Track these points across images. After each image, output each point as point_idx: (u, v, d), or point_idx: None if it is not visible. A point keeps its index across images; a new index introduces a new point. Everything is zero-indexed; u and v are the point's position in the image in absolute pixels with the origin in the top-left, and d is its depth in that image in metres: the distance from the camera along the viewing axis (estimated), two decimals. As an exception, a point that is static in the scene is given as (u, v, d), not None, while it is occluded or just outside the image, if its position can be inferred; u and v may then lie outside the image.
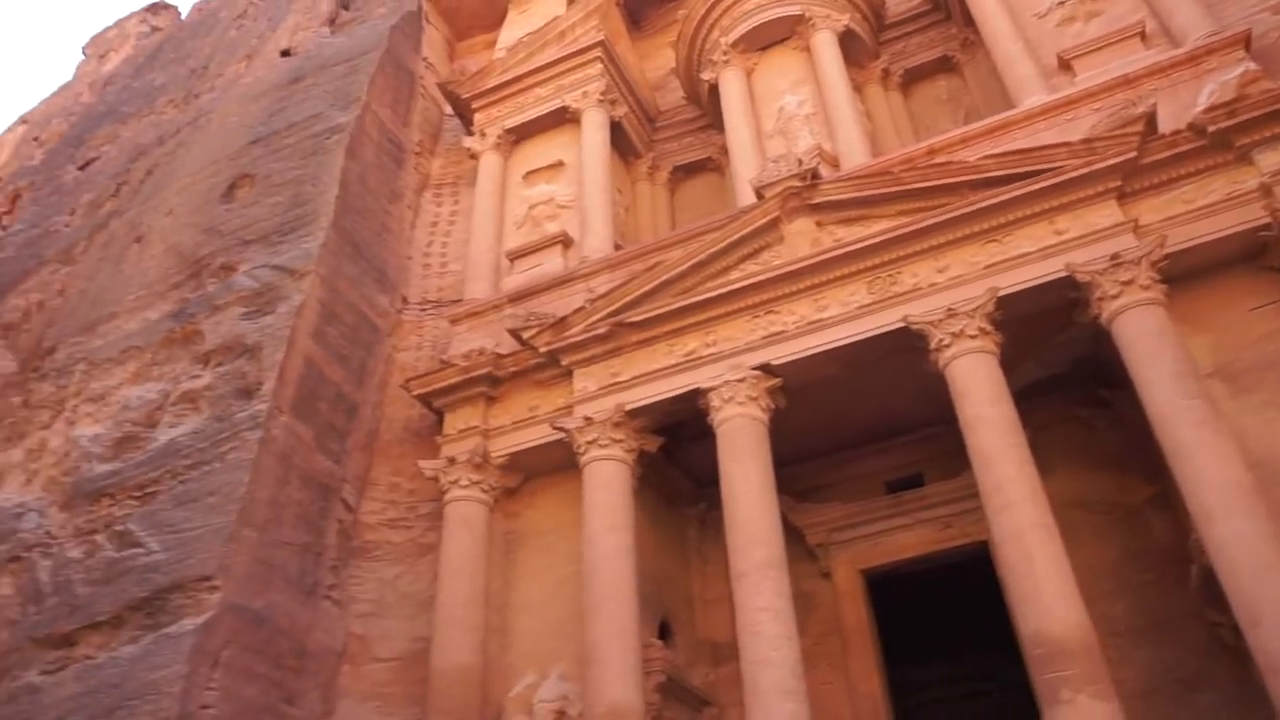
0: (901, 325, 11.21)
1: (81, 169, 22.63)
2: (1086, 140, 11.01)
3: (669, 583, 12.85)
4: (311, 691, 11.82)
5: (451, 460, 13.04)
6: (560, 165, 16.73)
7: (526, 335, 13.29)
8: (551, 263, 15.27)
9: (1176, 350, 9.80)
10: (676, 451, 13.16)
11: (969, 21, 15.17)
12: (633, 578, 11.23)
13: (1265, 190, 10.14)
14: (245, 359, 13.38)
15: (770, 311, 12.11)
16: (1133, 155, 10.69)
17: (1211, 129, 10.50)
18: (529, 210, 16.30)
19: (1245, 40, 11.67)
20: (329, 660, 12.28)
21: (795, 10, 16.07)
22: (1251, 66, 11.21)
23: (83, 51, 32.39)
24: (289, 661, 11.59)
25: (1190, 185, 10.68)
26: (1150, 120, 10.83)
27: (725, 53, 16.43)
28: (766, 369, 11.80)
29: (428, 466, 13.27)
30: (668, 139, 18.37)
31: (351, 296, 14.94)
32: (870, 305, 11.56)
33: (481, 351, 13.62)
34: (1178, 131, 10.77)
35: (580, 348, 12.92)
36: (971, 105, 15.48)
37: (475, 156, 17.59)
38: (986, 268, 11.10)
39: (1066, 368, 11.95)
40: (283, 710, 11.27)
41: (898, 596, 13.21)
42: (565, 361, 13.03)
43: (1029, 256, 10.95)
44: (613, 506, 11.72)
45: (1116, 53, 12.66)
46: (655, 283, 12.76)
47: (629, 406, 12.28)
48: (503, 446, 13.14)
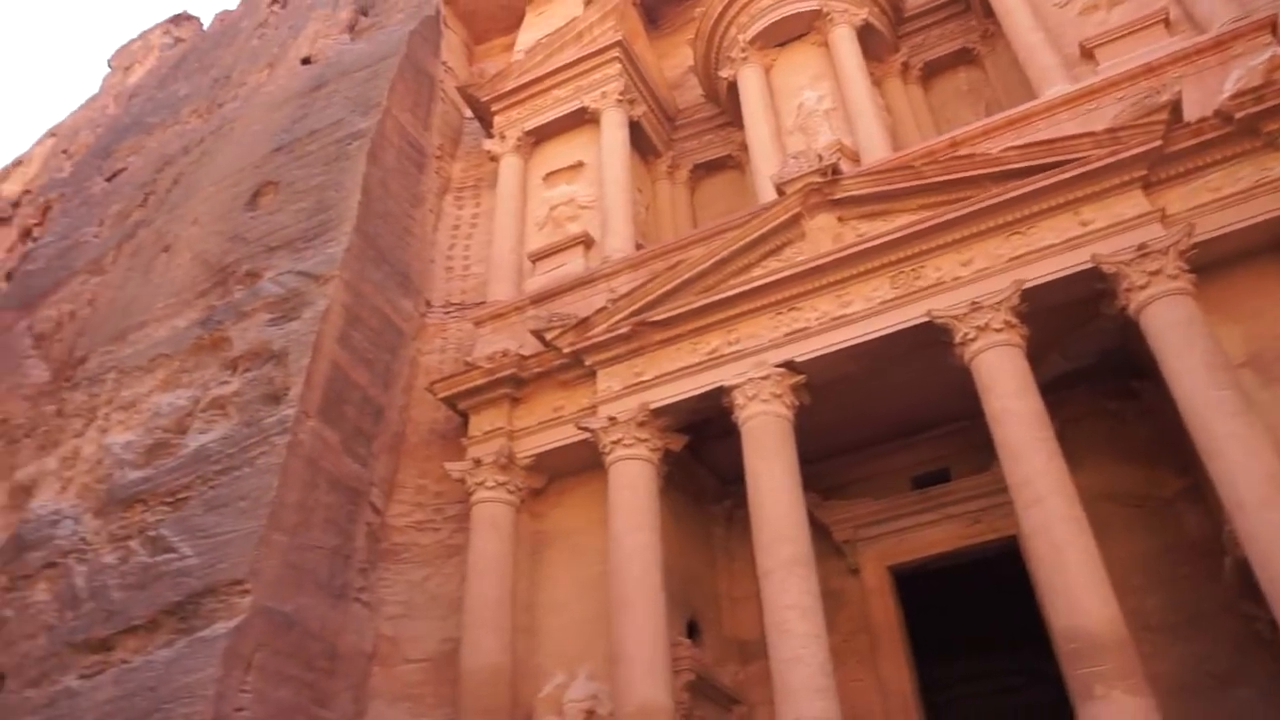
0: (926, 320, 11.12)
1: (109, 180, 22.94)
2: (1111, 130, 10.89)
3: (696, 581, 12.84)
4: (343, 693, 11.93)
5: (477, 462, 13.11)
6: (580, 166, 16.78)
7: (550, 336, 13.34)
8: (573, 263, 15.32)
9: (1206, 340, 9.66)
10: (701, 449, 13.15)
11: (989, 12, 15.05)
12: (659, 576, 11.23)
13: (1294, 177, 9.99)
14: (272, 365, 13.52)
15: (793, 308, 12.08)
16: (1158, 144, 10.55)
17: (1239, 115, 10.35)
18: (550, 211, 16.36)
19: (1272, 25, 11.50)
20: (360, 662, 12.39)
21: (813, 5, 16.03)
22: (1278, 51, 11.03)
23: (108, 64, 32.87)
24: (320, 663, 11.71)
25: (1217, 173, 10.53)
26: (1175, 108, 10.69)
27: (743, 49, 16.40)
28: (790, 366, 11.76)
29: (454, 468, 13.34)
30: (687, 137, 18.37)
31: (375, 300, 15.05)
32: (894, 300, 11.50)
33: (505, 353, 13.67)
34: (1204, 119, 10.62)
35: (603, 348, 12.95)
36: (992, 97, 15.34)
37: (495, 159, 17.67)
38: (1011, 260, 11.00)
39: (1094, 360, 11.82)
40: (315, 712, 11.38)
41: (926, 592, 13.13)
42: (589, 362, 13.06)
43: (1054, 248, 10.84)
44: (638, 506, 11.74)
45: (1140, 40, 12.52)
46: (677, 281, 12.76)
47: (653, 405, 12.30)
48: (528, 447, 13.19)
